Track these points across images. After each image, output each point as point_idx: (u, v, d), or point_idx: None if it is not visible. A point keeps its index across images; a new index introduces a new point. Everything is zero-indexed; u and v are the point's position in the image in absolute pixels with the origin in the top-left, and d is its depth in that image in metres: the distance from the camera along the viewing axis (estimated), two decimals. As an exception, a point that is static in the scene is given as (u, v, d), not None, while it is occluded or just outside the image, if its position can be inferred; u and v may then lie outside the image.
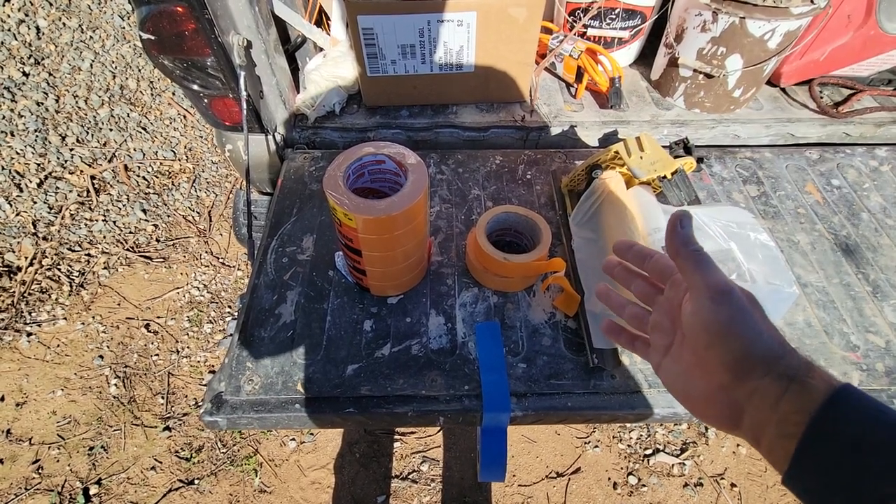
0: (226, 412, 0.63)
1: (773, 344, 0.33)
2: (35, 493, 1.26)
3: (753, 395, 0.33)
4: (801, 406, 0.30)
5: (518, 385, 0.65)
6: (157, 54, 0.79)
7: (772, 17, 0.83)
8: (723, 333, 0.34)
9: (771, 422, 0.32)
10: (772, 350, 0.33)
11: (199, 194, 1.92)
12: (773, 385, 0.32)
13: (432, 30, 0.88)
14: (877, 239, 0.82)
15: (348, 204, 0.57)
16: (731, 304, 0.35)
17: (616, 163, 0.80)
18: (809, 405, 0.29)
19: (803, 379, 0.31)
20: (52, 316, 1.57)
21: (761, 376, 0.32)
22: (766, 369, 0.32)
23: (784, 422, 0.31)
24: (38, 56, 2.06)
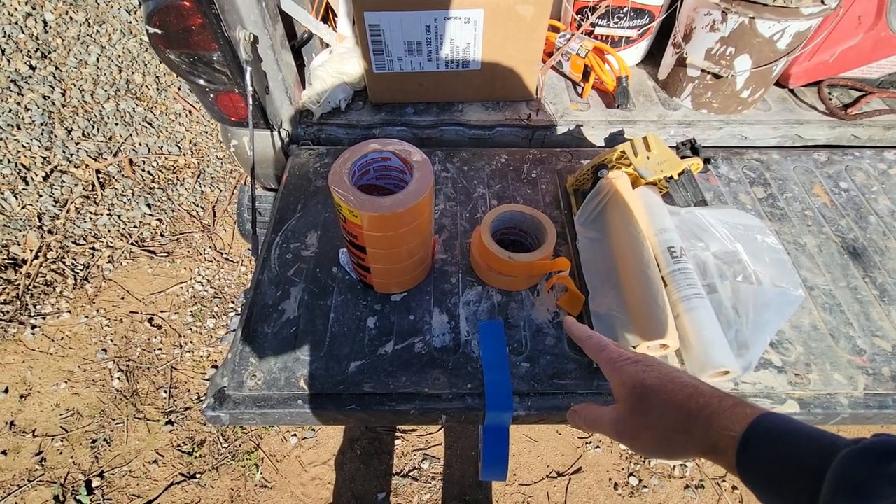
0: (228, 407, 0.63)
1: (665, 448, 0.37)
2: (38, 485, 1.27)
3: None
4: (727, 467, 0.34)
5: (521, 384, 0.65)
6: (163, 49, 0.79)
7: (782, 17, 0.82)
8: (641, 451, 0.40)
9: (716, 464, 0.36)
10: (665, 451, 0.37)
11: (204, 189, 1.92)
12: (706, 459, 0.37)
13: (439, 27, 0.88)
14: (884, 242, 0.82)
15: (353, 200, 0.57)
16: (623, 438, 0.40)
17: (622, 162, 0.79)
18: (730, 465, 0.33)
19: (716, 452, 0.34)
20: (56, 309, 1.58)
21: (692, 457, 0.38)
22: (686, 456, 0.37)
23: (726, 469, 0.35)
24: (45, 50, 2.07)
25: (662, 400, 0.37)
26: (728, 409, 0.34)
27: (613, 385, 0.42)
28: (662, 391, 0.37)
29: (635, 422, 0.38)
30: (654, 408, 0.37)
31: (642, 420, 0.38)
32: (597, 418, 0.43)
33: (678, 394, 0.37)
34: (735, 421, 0.34)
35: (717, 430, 0.34)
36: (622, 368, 0.41)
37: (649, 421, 0.37)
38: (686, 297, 0.67)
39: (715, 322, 0.64)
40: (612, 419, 0.40)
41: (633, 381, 0.39)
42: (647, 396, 0.38)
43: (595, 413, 0.43)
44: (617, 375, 0.41)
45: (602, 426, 0.42)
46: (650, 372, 0.40)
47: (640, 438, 0.38)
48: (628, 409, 0.39)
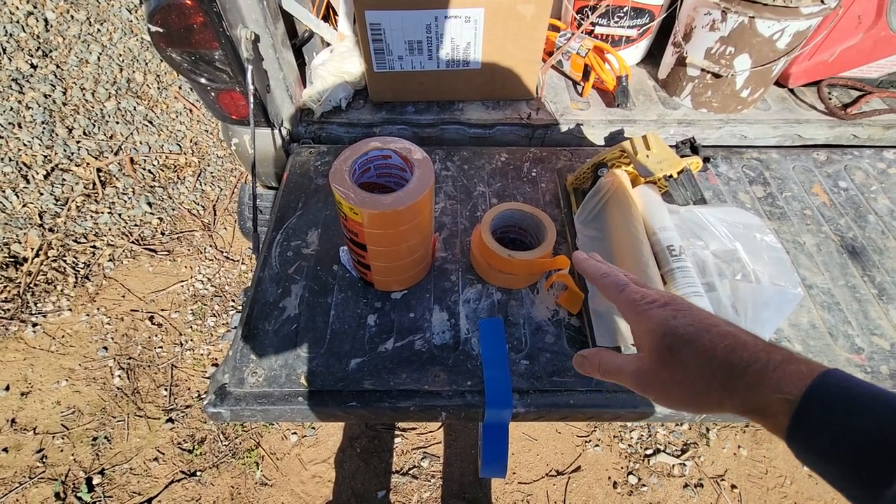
0: (229, 404, 0.63)
1: (697, 400, 0.33)
2: (39, 482, 1.27)
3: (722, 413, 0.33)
4: (772, 430, 0.30)
5: (520, 382, 0.65)
6: (165, 47, 0.79)
7: (781, 16, 0.82)
8: (667, 404, 0.35)
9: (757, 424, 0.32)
10: (701, 403, 0.33)
11: (204, 188, 1.93)
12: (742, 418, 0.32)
13: (439, 26, 0.88)
14: (883, 241, 0.82)
15: (354, 198, 0.57)
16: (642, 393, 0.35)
17: (622, 161, 0.79)
18: (778, 430, 0.29)
19: (759, 411, 0.30)
20: (57, 307, 1.58)
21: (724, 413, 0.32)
22: (721, 411, 0.32)
23: (770, 431, 0.30)
24: (46, 48, 2.07)
25: (698, 353, 0.32)
26: (779, 366, 0.29)
27: (636, 332, 0.36)
28: (698, 342, 0.32)
29: (664, 375, 0.33)
30: (687, 361, 0.32)
31: (673, 374, 0.33)
32: (615, 368, 0.38)
33: (717, 346, 0.31)
34: (790, 381, 0.28)
35: (765, 392, 0.29)
36: (648, 313, 0.35)
37: (681, 375, 0.32)
38: (685, 295, 0.67)
39: (714, 320, 0.65)
40: (636, 370, 0.36)
41: (663, 329, 0.34)
42: (678, 348, 0.33)
43: (613, 361, 0.38)
44: (642, 321, 0.36)
45: (622, 377, 0.37)
46: (682, 318, 0.34)
47: (669, 393, 0.34)
48: (656, 361, 0.34)
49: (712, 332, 0.32)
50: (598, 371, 0.40)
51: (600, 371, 0.39)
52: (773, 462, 1.34)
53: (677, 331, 0.33)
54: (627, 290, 0.39)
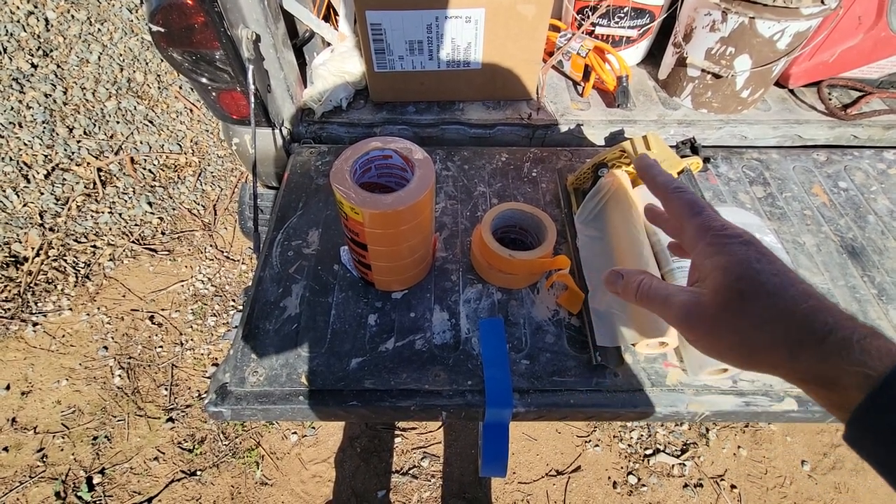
0: (230, 403, 0.63)
1: (758, 356, 0.29)
2: (39, 482, 1.27)
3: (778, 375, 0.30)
4: (833, 404, 0.27)
5: (521, 381, 0.65)
6: (166, 47, 0.79)
7: (781, 17, 0.82)
8: (706, 350, 0.31)
9: (809, 397, 0.29)
10: (760, 361, 0.29)
11: (205, 188, 1.93)
12: (791, 382, 0.29)
13: (440, 26, 0.88)
14: (883, 242, 0.82)
15: (355, 198, 0.57)
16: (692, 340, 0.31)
17: (622, 161, 0.79)
18: (844, 405, 0.26)
19: (825, 380, 0.27)
20: (57, 306, 1.58)
21: (772, 374, 0.29)
22: (771, 372, 0.29)
23: (823, 406, 0.28)
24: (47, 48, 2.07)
25: (775, 308, 0.28)
26: (864, 339, 0.26)
27: (702, 265, 0.32)
28: (779, 296, 0.28)
29: (724, 319, 0.29)
30: (760, 313, 0.28)
31: (736, 321, 0.29)
32: (661, 295, 0.33)
33: (799, 304, 0.28)
34: (875, 356, 0.25)
35: (842, 363, 0.26)
36: (727, 247, 0.31)
37: (746, 325, 0.29)
38: (685, 295, 0.67)
39: (714, 320, 0.65)
40: (688, 304, 0.31)
41: (740, 270, 0.29)
42: (755, 296, 0.29)
43: (660, 290, 0.34)
44: (715, 254, 0.31)
45: (667, 307, 0.33)
46: (766, 264, 0.29)
47: (721, 340, 0.30)
48: (720, 302, 0.30)
49: (797, 287, 0.29)
50: (636, 293, 0.35)
51: (638, 293, 0.35)
52: (773, 462, 1.34)
53: (758, 277, 0.29)
54: (705, 214, 0.33)
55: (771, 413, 0.64)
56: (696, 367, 0.64)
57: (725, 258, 0.30)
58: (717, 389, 0.65)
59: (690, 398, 0.65)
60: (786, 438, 1.39)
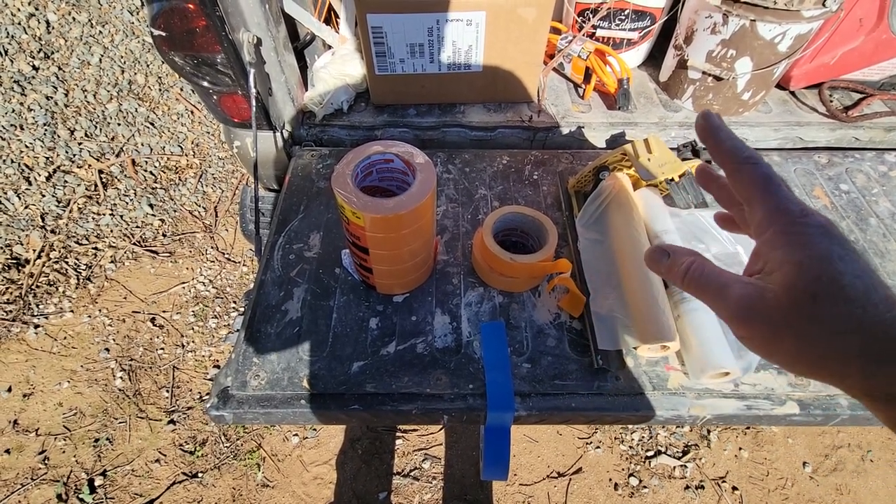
0: (232, 407, 0.63)
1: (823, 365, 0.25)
2: (41, 484, 1.27)
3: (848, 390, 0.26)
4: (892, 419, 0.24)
5: (522, 385, 0.65)
6: (167, 50, 0.79)
7: (783, 20, 0.82)
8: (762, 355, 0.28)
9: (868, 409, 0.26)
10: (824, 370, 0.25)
11: (206, 190, 1.93)
12: (853, 395, 0.26)
13: (441, 29, 0.88)
14: (885, 244, 0.82)
15: (356, 202, 0.58)
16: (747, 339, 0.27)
17: (623, 164, 0.79)
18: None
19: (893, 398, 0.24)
20: (59, 308, 1.59)
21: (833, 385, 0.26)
22: (833, 383, 0.26)
23: (883, 421, 0.25)
24: (48, 50, 2.07)
25: (855, 316, 0.24)
26: None
27: (777, 254, 0.27)
28: (861, 304, 0.24)
29: (791, 323, 0.25)
30: (835, 321, 0.24)
31: (805, 327, 0.25)
32: (717, 285, 0.29)
33: (882, 314, 0.24)
34: None
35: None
36: (806, 236, 0.26)
37: (816, 332, 0.25)
38: (686, 298, 0.67)
39: (715, 323, 0.65)
40: (748, 298, 0.27)
41: (820, 270, 0.25)
42: (832, 302, 0.24)
43: (715, 276, 0.29)
44: (792, 243, 0.26)
45: (721, 296, 0.28)
46: (849, 263, 0.25)
47: (782, 342, 0.26)
48: (790, 302, 0.25)
49: (880, 293, 0.24)
50: (683, 276, 0.30)
51: (687, 277, 0.30)
52: (775, 464, 1.34)
53: (840, 279, 0.24)
54: (782, 193, 0.28)
55: (772, 416, 0.64)
56: (697, 371, 0.64)
57: (803, 252, 0.26)
58: (718, 393, 0.65)
59: (692, 402, 0.65)
60: (787, 440, 1.39)
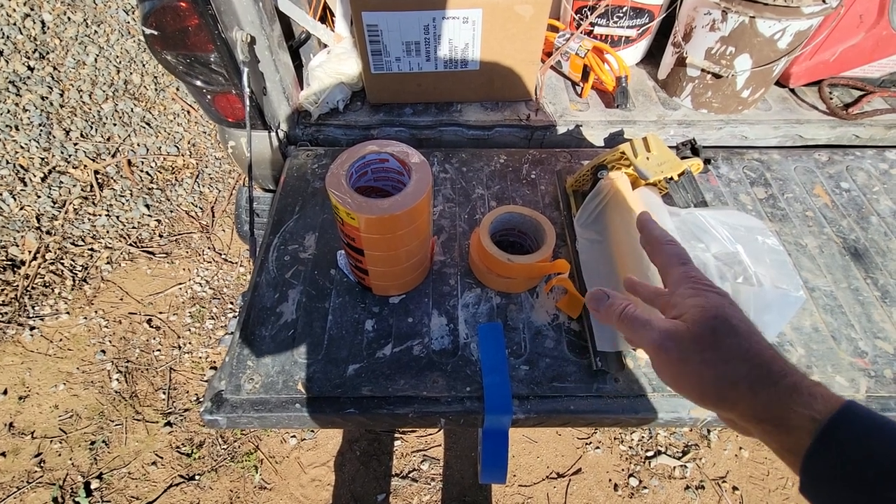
0: (226, 411, 0.62)
1: (721, 387, 0.32)
2: (37, 487, 1.27)
3: (737, 427, 0.34)
4: (784, 446, 0.30)
5: (520, 387, 0.64)
6: (160, 50, 0.78)
7: (782, 16, 0.81)
8: (673, 386, 0.35)
9: (762, 441, 0.32)
10: (722, 394, 0.32)
11: (202, 190, 1.92)
12: (745, 426, 0.32)
13: (437, 27, 0.88)
14: (886, 243, 0.81)
15: (351, 203, 0.57)
16: (663, 365, 0.35)
17: (622, 163, 0.79)
18: (795, 447, 0.29)
19: (777, 420, 0.30)
20: (54, 310, 1.58)
21: (729, 418, 0.33)
22: (728, 413, 0.33)
23: (776, 450, 0.31)
24: (43, 50, 2.06)
25: (742, 347, 0.32)
26: (812, 387, 0.30)
27: (685, 304, 0.35)
28: (747, 338, 0.32)
29: (695, 350, 0.33)
30: (727, 349, 0.32)
31: (705, 353, 0.32)
32: (643, 321, 0.37)
33: (763, 350, 0.32)
34: (820, 401, 0.29)
35: (793, 405, 0.29)
36: (705, 293, 0.35)
37: (714, 359, 0.32)
38: (686, 299, 0.66)
39: (715, 324, 0.64)
40: (667, 331, 0.35)
41: (715, 311, 0.34)
42: (725, 333, 0.33)
43: (643, 315, 0.37)
44: (695, 296, 0.35)
45: (648, 331, 0.36)
46: (736, 312, 0.34)
47: (688, 371, 0.33)
48: (696, 333, 0.33)
49: (759, 336, 0.33)
50: (618, 315, 0.38)
51: (622, 316, 0.38)
52: (775, 464, 1.34)
53: (730, 320, 0.33)
54: (689, 266, 0.39)
55: (774, 418, 0.63)
56: (697, 372, 0.63)
57: (703, 300, 0.35)
58: (718, 394, 0.64)
59: (692, 403, 0.64)
60: (787, 439, 1.38)
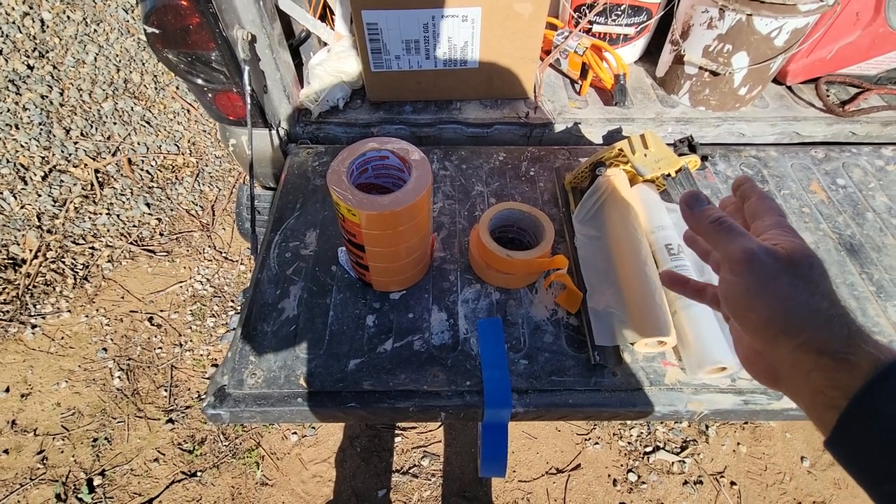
0: (228, 406, 0.63)
1: (798, 312, 0.32)
2: (40, 484, 1.27)
3: (784, 363, 0.33)
4: (835, 383, 0.29)
5: (519, 381, 0.65)
6: (161, 48, 0.79)
7: (779, 14, 0.82)
8: (741, 304, 0.34)
9: (804, 391, 0.31)
10: (796, 318, 0.31)
11: (203, 188, 1.93)
12: (801, 357, 0.31)
13: (436, 25, 0.88)
14: (881, 239, 0.82)
15: (352, 199, 0.57)
16: (749, 275, 0.34)
17: (620, 160, 0.79)
18: (847, 383, 0.28)
19: (840, 355, 0.29)
20: (56, 308, 1.58)
21: (788, 348, 0.32)
22: (790, 340, 0.32)
23: (818, 394, 0.30)
24: (43, 49, 2.06)
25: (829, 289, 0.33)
26: (873, 335, 0.31)
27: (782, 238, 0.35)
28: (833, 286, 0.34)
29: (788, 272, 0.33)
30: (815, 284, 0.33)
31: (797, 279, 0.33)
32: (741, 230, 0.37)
33: (841, 299, 0.33)
34: (886, 350, 0.29)
35: (861, 343, 0.29)
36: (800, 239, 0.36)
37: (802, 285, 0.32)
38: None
39: (712, 319, 0.65)
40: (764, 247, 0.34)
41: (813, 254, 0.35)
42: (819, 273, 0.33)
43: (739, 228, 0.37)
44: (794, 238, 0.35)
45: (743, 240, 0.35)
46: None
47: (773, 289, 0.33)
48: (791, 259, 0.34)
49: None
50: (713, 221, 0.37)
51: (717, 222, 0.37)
52: (773, 459, 1.35)
53: (823, 266, 0.34)
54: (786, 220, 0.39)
55: (770, 411, 0.64)
56: (694, 366, 0.64)
57: (802, 242, 0.35)
58: (715, 388, 0.65)
59: (689, 397, 0.65)
60: (785, 435, 1.39)
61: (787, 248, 0.34)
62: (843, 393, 0.28)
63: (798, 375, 0.32)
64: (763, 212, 0.39)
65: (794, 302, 0.32)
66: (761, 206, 0.39)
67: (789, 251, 0.34)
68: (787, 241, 0.35)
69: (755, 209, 0.40)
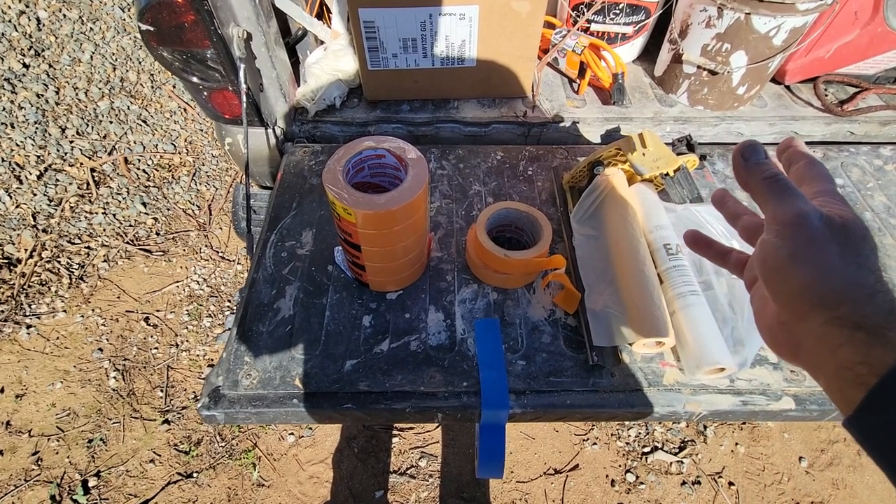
0: (223, 406, 0.62)
1: (841, 284, 0.30)
2: (35, 485, 1.26)
3: (809, 337, 0.31)
4: (867, 358, 0.28)
5: (517, 382, 0.65)
6: (156, 46, 0.78)
7: (778, 13, 0.82)
8: (781, 269, 0.32)
9: (829, 366, 0.30)
10: (838, 291, 0.30)
11: (200, 188, 1.92)
12: (832, 331, 0.30)
13: (434, 23, 0.88)
14: (880, 238, 0.82)
15: (347, 198, 0.57)
16: (797, 239, 0.32)
17: (618, 159, 0.79)
18: (880, 360, 0.27)
19: (878, 329, 0.28)
20: (51, 308, 1.57)
21: (819, 321, 0.30)
22: (826, 312, 0.30)
23: (845, 370, 0.29)
24: (39, 47, 2.05)
25: (877, 265, 0.32)
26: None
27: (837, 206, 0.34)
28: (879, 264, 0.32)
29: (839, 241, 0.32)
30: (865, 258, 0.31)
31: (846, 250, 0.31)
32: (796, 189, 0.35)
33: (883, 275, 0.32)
34: None
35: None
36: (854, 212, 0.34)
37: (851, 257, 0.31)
38: (682, 294, 0.66)
39: (711, 319, 0.64)
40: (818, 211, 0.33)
41: (866, 228, 0.33)
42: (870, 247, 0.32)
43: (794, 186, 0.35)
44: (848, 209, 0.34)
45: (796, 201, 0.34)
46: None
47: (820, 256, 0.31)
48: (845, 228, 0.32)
49: None
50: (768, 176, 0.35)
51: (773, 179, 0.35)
52: (771, 459, 1.34)
53: (874, 241, 0.32)
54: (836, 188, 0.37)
55: (768, 412, 0.64)
56: (693, 367, 0.63)
57: (855, 215, 0.33)
58: (714, 389, 0.65)
59: (688, 398, 0.64)
60: (783, 435, 1.39)
61: (843, 216, 0.32)
62: (874, 369, 0.27)
63: (824, 350, 0.30)
64: (812, 177, 0.36)
65: (839, 273, 0.30)
66: (810, 172, 0.36)
67: (845, 220, 0.32)
68: (840, 210, 0.33)
69: (802, 174, 0.37)
